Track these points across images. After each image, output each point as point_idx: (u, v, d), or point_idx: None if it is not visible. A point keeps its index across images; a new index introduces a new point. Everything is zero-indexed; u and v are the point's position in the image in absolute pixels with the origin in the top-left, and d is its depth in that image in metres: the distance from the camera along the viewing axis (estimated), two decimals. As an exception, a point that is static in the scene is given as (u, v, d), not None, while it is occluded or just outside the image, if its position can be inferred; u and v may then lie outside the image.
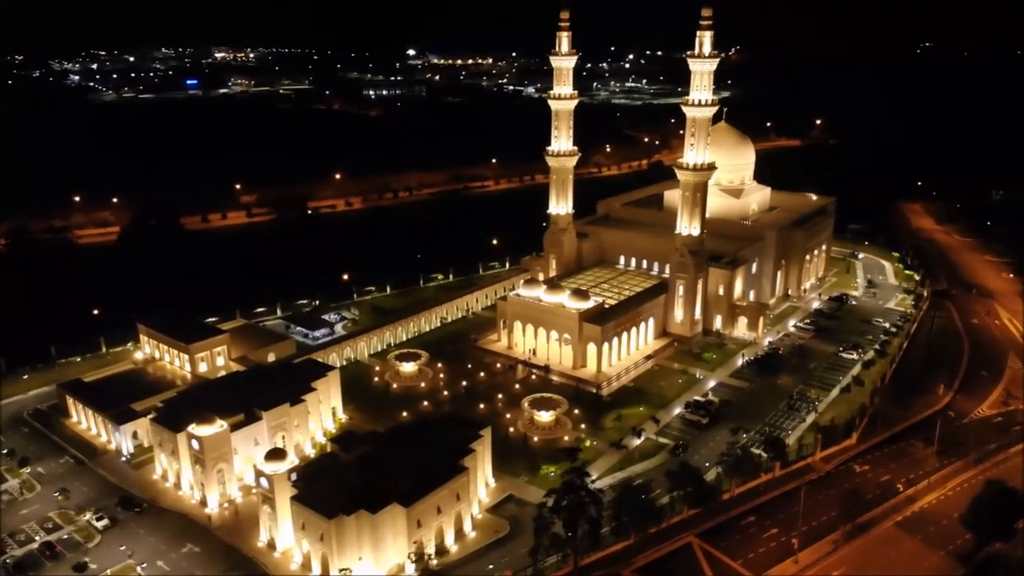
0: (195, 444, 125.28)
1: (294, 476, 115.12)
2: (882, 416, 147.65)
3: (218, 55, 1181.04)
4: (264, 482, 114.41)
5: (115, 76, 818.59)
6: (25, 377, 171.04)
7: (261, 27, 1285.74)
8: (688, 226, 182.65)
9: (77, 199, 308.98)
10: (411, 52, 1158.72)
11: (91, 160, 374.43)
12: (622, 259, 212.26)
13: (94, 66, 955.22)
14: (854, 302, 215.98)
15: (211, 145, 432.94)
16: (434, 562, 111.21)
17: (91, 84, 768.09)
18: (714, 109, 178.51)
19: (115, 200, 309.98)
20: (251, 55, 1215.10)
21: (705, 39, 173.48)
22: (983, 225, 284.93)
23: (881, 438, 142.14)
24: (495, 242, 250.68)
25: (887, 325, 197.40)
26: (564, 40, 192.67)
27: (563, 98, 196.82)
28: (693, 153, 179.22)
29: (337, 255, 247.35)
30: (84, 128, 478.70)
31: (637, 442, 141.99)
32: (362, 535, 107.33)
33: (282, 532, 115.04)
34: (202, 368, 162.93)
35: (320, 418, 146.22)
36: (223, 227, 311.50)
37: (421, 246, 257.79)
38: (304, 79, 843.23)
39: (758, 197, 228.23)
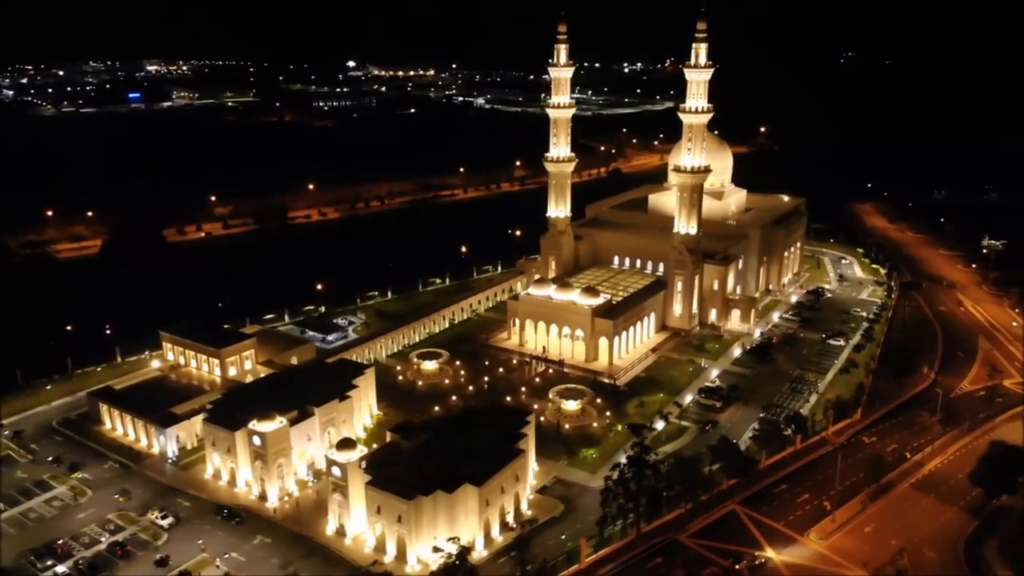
0: (256, 440, 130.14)
1: (363, 464, 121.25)
2: (879, 394, 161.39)
3: (150, 68, 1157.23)
4: (336, 471, 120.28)
5: (50, 90, 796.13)
6: (48, 388, 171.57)
7: (192, 40, 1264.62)
8: (686, 225, 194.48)
9: (49, 213, 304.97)
10: (351, 64, 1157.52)
11: (54, 174, 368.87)
12: (616, 259, 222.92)
13: (24, 81, 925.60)
14: (829, 295, 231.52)
15: (172, 158, 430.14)
16: (500, 539, 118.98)
17: (27, 99, 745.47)
18: (709, 116, 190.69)
19: (90, 214, 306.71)
20: (184, 68, 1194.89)
21: (700, 50, 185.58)
22: (933, 222, 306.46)
23: (881, 413, 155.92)
24: (474, 248, 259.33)
25: (864, 314, 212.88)
26: (562, 52, 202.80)
27: (561, 107, 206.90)
28: (690, 157, 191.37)
29: (325, 264, 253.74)
30: (33, 142, 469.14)
31: (662, 425, 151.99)
32: (438, 514, 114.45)
33: (353, 518, 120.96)
34: (231, 372, 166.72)
35: (360, 414, 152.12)
36: (202, 239, 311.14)
37: (404, 254, 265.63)
38: (248, 91, 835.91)
39: (736, 199, 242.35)
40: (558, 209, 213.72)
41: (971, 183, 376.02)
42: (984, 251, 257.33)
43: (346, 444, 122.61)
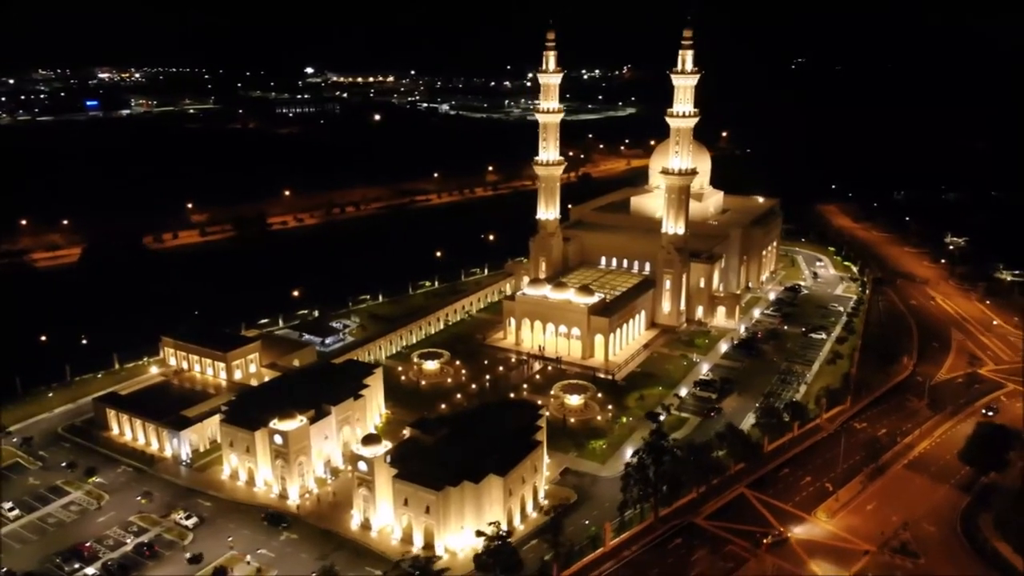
0: (278, 439, 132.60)
1: (388, 459, 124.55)
2: (865, 383, 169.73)
3: (102, 75, 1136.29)
4: (362, 465, 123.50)
5: (3, 99, 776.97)
6: (50, 395, 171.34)
7: (143, 47, 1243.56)
8: (674, 226, 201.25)
9: (23, 223, 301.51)
10: (309, 70, 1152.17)
11: (22, 184, 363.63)
12: (603, 260, 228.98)
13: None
14: (806, 291, 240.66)
15: (140, 166, 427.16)
16: (521, 528, 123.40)
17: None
18: (695, 120, 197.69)
19: (65, 222, 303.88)
20: (137, 75, 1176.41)
21: (687, 57, 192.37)
22: (896, 221, 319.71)
23: (868, 400, 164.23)
24: (457, 251, 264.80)
25: (841, 309, 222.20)
26: (551, 58, 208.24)
27: (550, 112, 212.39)
28: (677, 160, 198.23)
29: (311, 269, 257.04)
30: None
31: (664, 416, 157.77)
32: (465, 504, 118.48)
33: (379, 512, 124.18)
34: (237, 375, 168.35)
35: (371, 412, 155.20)
36: (180, 246, 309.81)
37: (389, 258, 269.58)
38: (207, 99, 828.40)
39: (715, 200, 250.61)
40: (548, 211, 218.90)
41: (928, 183, 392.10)
42: (951, 248, 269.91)
43: (371, 439, 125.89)
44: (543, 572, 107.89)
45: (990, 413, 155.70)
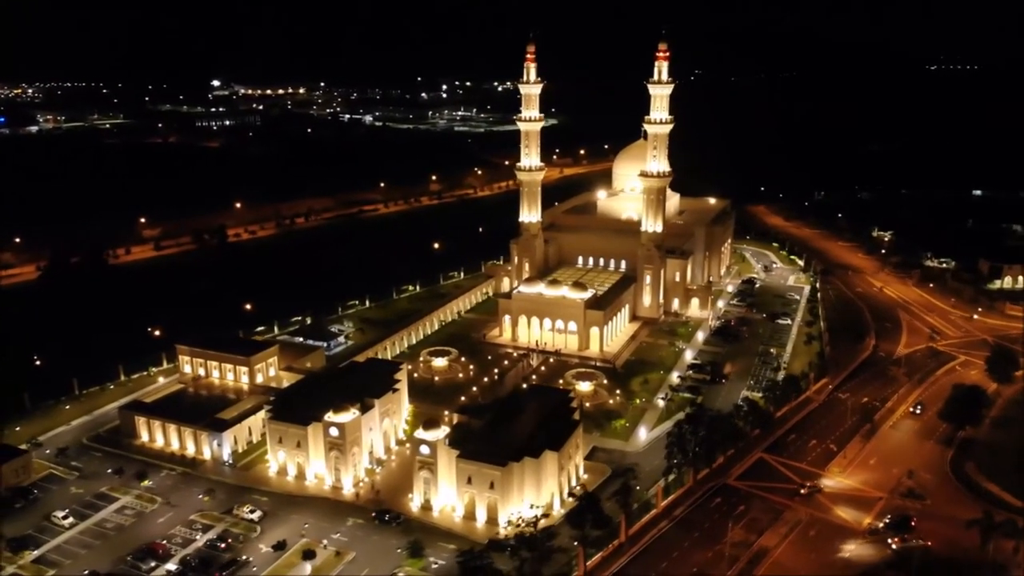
0: (333, 431, 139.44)
1: (447, 442, 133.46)
2: (838, 360, 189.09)
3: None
4: (424, 449, 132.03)
5: None
6: (67, 407, 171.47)
7: (30, 61, 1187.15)
8: (653, 224, 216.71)
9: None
10: (216, 83, 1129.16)
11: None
12: (580, 259, 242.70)
13: None
14: (760, 283, 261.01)
15: (74, 183, 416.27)
16: (570, 499, 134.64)
17: None
18: (670, 127, 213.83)
19: (17, 240, 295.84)
20: (29, 91, 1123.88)
21: (663, 68, 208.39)
22: (824, 219, 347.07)
23: (845, 374, 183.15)
24: (429, 257, 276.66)
25: (797, 297, 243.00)
26: (531, 70, 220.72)
27: (532, 120, 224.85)
28: (655, 163, 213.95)
29: (283, 279, 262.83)
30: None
31: (670, 396, 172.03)
32: (525, 479, 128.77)
33: (440, 492, 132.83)
34: (258, 379, 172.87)
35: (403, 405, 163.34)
36: (134, 261, 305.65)
37: (363, 264, 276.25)
38: (114, 113, 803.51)
39: (673, 202, 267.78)
40: (530, 214, 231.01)
41: (841, 184, 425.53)
42: (885, 239, 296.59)
43: (431, 424, 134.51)
44: (613, 529, 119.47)
45: (917, 411, 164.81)
